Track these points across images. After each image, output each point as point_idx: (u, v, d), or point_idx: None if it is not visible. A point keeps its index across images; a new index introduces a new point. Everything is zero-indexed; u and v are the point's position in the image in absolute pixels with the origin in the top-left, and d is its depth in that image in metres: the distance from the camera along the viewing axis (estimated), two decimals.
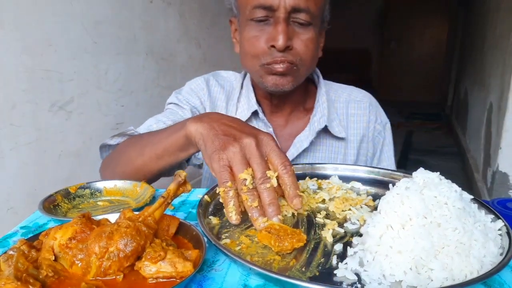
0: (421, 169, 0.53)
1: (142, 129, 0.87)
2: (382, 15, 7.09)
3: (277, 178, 0.55)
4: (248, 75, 0.95)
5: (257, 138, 0.55)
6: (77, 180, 0.75)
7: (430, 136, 4.98)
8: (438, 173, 0.52)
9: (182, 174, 0.51)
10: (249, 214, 0.54)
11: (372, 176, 0.75)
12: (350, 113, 0.97)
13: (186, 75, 2.51)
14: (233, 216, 0.54)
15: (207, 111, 0.94)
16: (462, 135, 4.16)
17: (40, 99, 1.49)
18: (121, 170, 0.77)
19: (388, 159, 1.00)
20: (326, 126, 0.90)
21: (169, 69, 2.36)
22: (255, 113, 0.90)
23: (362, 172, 0.76)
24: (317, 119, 0.91)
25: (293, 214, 0.60)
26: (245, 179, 0.52)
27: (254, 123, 0.90)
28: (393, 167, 0.99)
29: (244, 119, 0.88)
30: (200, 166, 0.98)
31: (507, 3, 2.51)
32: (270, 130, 0.90)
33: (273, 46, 0.78)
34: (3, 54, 1.34)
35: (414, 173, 0.53)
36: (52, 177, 1.57)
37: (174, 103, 0.94)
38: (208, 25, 2.75)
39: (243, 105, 0.92)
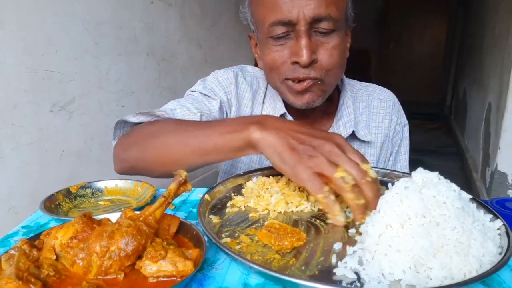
0: (420, 169, 0.54)
1: (168, 111, 0.80)
2: (381, 15, 7.09)
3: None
4: None
5: (335, 142, 0.55)
6: (79, 180, 0.75)
7: (429, 136, 4.98)
8: (437, 172, 0.52)
9: (182, 173, 0.52)
10: (355, 212, 0.53)
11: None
12: (373, 112, 0.93)
13: (187, 76, 2.52)
14: (341, 219, 0.54)
15: (233, 109, 0.88)
16: (461, 135, 4.16)
17: (42, 99, 1.50)
18: (154, 155, 0.69)
19: (403, 161, 0.97)
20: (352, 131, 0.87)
21: (170, 70, 2.36)
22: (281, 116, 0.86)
23: None
24: (343, 124, 0.88)
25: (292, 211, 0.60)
26: (343, 177, 0.52)
27: None
28: (407, 169, 0.96)
29: None
30: None
31: (506, 3, 2.51)
32: None
33: (296, 62, 0.73)
34: (4, 55, 1.34)
35: (413, 173, 0.53)
36: (53, 177, 1.57)
37: (200, 92, 0.87)
38: (208, 25, 2.76)
39: (268, 107, 0.88)
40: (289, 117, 0.87)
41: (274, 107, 0.87)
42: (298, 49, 0.72)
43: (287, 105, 0.87)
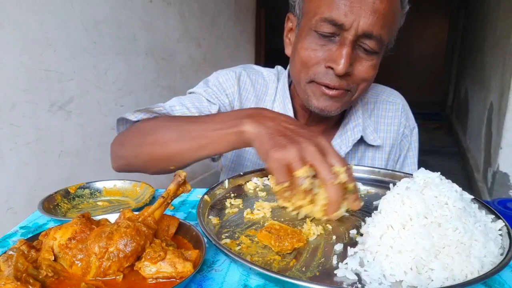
0: (421, 169, 0.53)
1: (167, 107, 0.80)
2: None
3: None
4: (283, 79, 0.89)
5: (316, 143, 0.55)
6: (77, 180, 0.75)
7: (431, 136, 4.98)
8: (439, 173, 0.52)
9: (182, 174, 0.51)
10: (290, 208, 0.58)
11: (372, 176, 0.75)
12: (381, 114, 0.91)
13: (186, 75, 2.51)
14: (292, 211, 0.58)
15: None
16: (462, 135, 4.16)
17: (40, 99, 1.49)
18: (149, 151, 0.70)
19: (411, 165, 0.95)
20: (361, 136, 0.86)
21: (169, 69, 2.36)
22: None
23: (363, 172, 0.76)
24: (351, 128, 0.86)
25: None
26: (303, 178, 0.52)
27: None
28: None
29: None
30: (214, 159, 0.93)
31: (507, 3, 2.50)
32: None
33: (330, 68, 0.71)
34: (3, 54, 1.33)
35: (414, 173, 0.53)
36: (51, 177, 1.57)
37: (202, 95, 0.85)
38: (208, 25, 2.75)
39: (278, 107, 0.86)
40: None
41: (284, 109, 0.85)
42: (338, 56, 0.70)
43: (295, 111, 0.86)
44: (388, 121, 0.91)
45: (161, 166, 0.71)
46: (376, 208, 0.53)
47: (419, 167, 0.55)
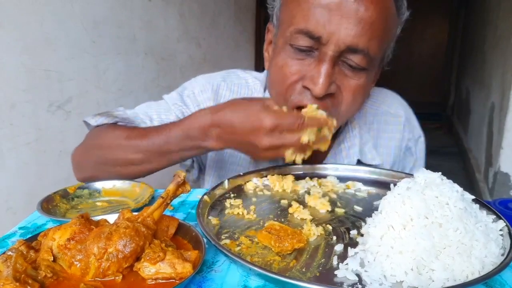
0: (422, 169, 0.53)
1: (129, 113, 0.80)
2: None
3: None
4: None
5: (265, 137, 0.57)
6: (76, 181, 0.74)
7: (431, 136, 4.96)
8: (440, 173, 0.52)
9: (181, 174, 0.51)
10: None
11: (373, 176, 0.75)
12: (382, 128, 0.82)
13: (186, 75, 2.51)
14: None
15: None
16: (463, 135, 4.16)
17: (40, 99, 1.49)
18: (114, 170, 0.72)
19: None
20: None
21: (169, 69, 2.36)
22: None
23: (363, 172, 0.76)
24: (345, 148, 0.78)
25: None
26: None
27: None
28: None
29: None
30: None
31: (507, 3, 2.50)
32: None
33: (308, 88, 0.62)
34: (3, 54, 1.33)
35: (415, 173, 0.53)
36: (51, 177, 1.57)
37: (174, 103, 0.84)
38: (208, 24, 2.75)
39: None
40: None
41: None
42: (315, 74, 0.60)
43: None
44: (389, 135, 0.83)
45: (129, 178, 0.74)
46: (376, 208, 0.53)
47: None
